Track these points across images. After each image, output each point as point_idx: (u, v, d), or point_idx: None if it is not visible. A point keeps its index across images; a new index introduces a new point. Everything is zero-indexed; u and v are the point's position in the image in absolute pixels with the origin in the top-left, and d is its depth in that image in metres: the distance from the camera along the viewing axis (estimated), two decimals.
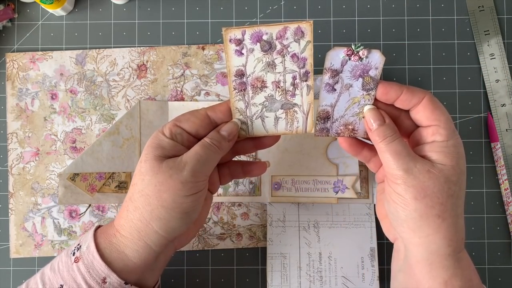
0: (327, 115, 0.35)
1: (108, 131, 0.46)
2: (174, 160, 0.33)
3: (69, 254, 0.35)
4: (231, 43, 0.32)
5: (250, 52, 0.33)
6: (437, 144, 0.33)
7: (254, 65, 0.33)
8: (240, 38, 0.32)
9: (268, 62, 0.33)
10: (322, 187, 0.45)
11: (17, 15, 0.49)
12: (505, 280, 0.47)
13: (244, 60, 0.33)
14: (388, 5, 0.49)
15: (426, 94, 0.33)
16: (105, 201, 0.46)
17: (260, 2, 0.49)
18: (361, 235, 0.45)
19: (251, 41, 0.32)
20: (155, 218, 0.33)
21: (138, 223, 0.34)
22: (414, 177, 0.32)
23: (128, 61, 0.48)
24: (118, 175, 0.46)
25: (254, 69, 0.34)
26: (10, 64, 0.48)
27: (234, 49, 0.33)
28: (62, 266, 0.35)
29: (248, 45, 0.33)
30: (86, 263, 0.34)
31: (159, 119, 0.47)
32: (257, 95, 0.35)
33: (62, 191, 0.45)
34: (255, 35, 0.32)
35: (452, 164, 0.32)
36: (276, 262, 0.45)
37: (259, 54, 0.33)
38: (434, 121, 0.33)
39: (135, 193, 0.34)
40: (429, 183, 0.32)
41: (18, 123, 0.48)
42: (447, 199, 0.32)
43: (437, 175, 0.32)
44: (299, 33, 0.32)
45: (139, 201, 0.33)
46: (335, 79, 0.34)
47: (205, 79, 0.48)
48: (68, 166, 0.45)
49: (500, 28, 0.48)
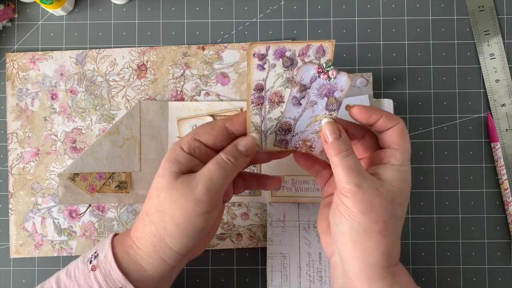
0: (289, 127, 0.36)
1: (108, 131, 0.46)
2: (189, 178, 0.33)
3: (86, 261, 0.35)
4: (254, 57, 0.33)
5: (272, 67, 0.33)
6: (390, 167, 0.35)
7: (274, 80, 0.34)
8: (263, 53, 0.33)
9: (288, 78, 0.34)
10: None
11: (17, 15, 0.49)
12: (505, 280, 0.47)
13: (265, 74, 0.33)
14: (388, 5, 0.49)
15: (400, 121, 0.35)
16: (105, 201, 0.46)
17: (260, 2, 0.49)
18: None
19: (274, 57, 0.33)
20: (168, 235, 0.34)
21: (153, 238, 0.34)
22: (363, 192, 0.33)
23: (128, 61, 0.48)
24: (118, 175, 0.46)
25: (273, 84, 0.34)
26: (10, 64, 0.48)
27: (257, 63, 0.33)
28: (78, 273, 0.35)
29: (270, 60, 0.33)
30: (103, 272, 0.34)
31: (159, 119, 0.47)
32: (273, 110, 0.35)
33: (62, 191, 0.45)
34: (279, 51, 0.33)
35: (400, 188, 0.34)
36: (276, 262, 0.45)
37: (280, 70, 0.33)
38: (396, 145, 0.35)
39: (151, 208, 0.34)
40: (376, 200, 0.33)
41: (18, 123, 0.48)
42: (390, 218, 0.33)
43: (385, 194, 0.33)
44: (320, 51, 0.33)
45: (154, 216, 0.34)
46: (302, 94, 0.34)
47: (205, 79, 0.48)
48: (68, 166, 0.45)
49: (500, 28, 0.48)
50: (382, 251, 0.33)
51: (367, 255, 0.34)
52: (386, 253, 0.34)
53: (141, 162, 0.46)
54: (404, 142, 0.35)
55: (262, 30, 0.48)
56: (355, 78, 0.46)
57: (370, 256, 0.34)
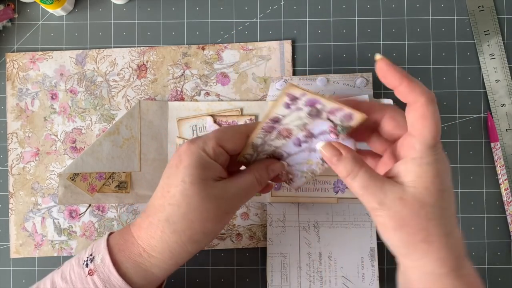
0: (280, 157, 0.37)
1: (108, 131, 0.46)
2: (223, 190, 0.33)
3: (81, 264, 0.34)
4: (286, 96, 0.33)
5: (297, 110, 0.33)
6: (410, 162, 0.30)
7: (293, 120, 0.34)
8: (297, 97, 0.32)
9: (305, 122, 0.34)
10: (322, 187, 0.45)
11: (17, 15, 0.49)
12: (505, 280, 0.47)
13: (288, 112, 0.33)
14: (388, 5, 0.49)
15: (422, 98, 0.29)
16: (105, 201, 0.46)
17: (260, 2, 0.49)
18: (361, 235, 0.45)
19: (304, 103, 0.33)
20: (193, 242, 0.33)
21: (174, 245, 0.33)
22: (388, 209, 0.30)
23: (128, 61, 0.48)
24: (118, 175, 0.46)
25: (290, 122, 0.34)
26: (10, 64, 0.48)
27: (285, 101, 0.33)
28: (74, 277, 0.34)
29: (300, 104, 0.33)
30: (102, 277, 0.33)
31: (159, 119, 0.47)
32: (277, 140, 0.35)
33: (62, 191, 0.45)
34: (312, 101, 0.32)
35: (426, 186, 0.29)
36: (276, 262, 0.45)
37: (303, 115, 0.33)
38: (415, 131, 0.30)
39: (176, 215, 0.32)
40: (404, 212, 0.30)
41: (18, 123, 0.48)
42: (427, 223, 0.30)
43: (411, 202, 0.29)
44: (348, 117, 0.32)
45: (179, 224, 0.32)
46: (306, 139, 0.35)
47: (205, 79, 0.48)
48: (68, 166, 0.45)
49: (500, 28, 0.48)
50: (435, 258, 0.30)
51: (421, 264, 0.31)
52: (440, 258, 0.30)
53: (141, 162, 0.46)
54: (423, 126, 0.29)
55: (262, 30, 0.48)
56: (355, 78, 0.46)
57: (424, 265, 0.31)
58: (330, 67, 0.48)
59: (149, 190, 0.46)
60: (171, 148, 0.47)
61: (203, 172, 0.33)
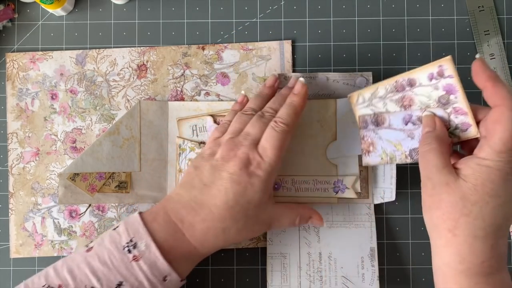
0: (381, 123, 0.38)
1: (108, 131, 0.46)
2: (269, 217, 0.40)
3: (122, 250, 0.35)
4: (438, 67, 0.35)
5: (434, 88, 0.35)
6: (473, 160, 0.32)
7: (423, 93, 0.36)
8: (444, 74, 0.35)
9: (429, 104, 0.36)
10: (322, 187, 0.45)
11: (17, 15, 0.49)
12: None
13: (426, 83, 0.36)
14: (388, 5, 0.49)
15: (503, 103, 0.30)
16: (105, 201, 0.46)
17: (260, 2, 0.49)
18: (361, 235, 0.45)
19: (443, 85, 0.35)
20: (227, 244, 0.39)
21: (220, 244, 0.39)
22: (432, 187, 0.32)
23: (128, 61, 0.48)
24: (118, 175, 0.46)
25: (419, 94, 0.36)
26: (10, 64, 0.48)
27: (432, 72, 0.35)
28: (116, 262, 0.35)
29: (440, 84, 0.35)
30: (148, 262, 0.35)
31: (159, 119, 0.47)
32: (395, 104, 0.37)
33: (62, 191, 0.45)
34: (452, 87, 0.35)
35: (475, 184, 0.31)
36: (276, 262, 0.45)
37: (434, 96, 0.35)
38: (488, 133, 0.31)
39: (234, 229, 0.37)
40: (444, 196, 0.31)
41: (18, 123, 0.48)
42: (460, 216, 0.31)
43: (453, 190, 0.31)
44: (464, 126, 0.34)
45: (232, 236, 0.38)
46: (416, 121, 0.36)
47: (205, 79, 0.48)
48: (68, 166, 0.45)
49: (500, 28, 0.48)
50: (455, 251, 0.31)
51: (441, 252, 0.32)
52: (461, 255, 0.31)
53: (141, 162, 0.46)
54: (494, 129, 0.31)
55: (262, 30, 0.48)
56: (355, 77, 0.46)
57: (443, 254, 0.32)
58: (330, 67, 0.48)
59: (149, 190, 0.46)
60: (171, 148, 0.47)
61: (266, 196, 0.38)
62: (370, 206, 0.46)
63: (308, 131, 0.45)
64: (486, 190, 0.30)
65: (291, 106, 0.39)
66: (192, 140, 0.46)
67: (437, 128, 0.34)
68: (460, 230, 0.31)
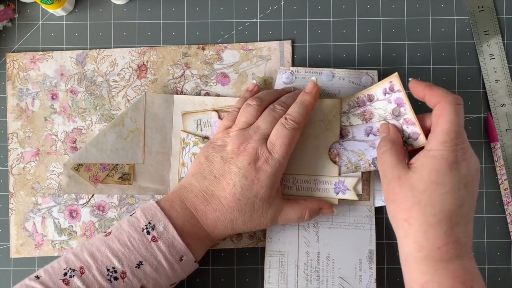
0: (345, 135, 0.43)
1: (113, 122, 0.46)
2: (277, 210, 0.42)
3: (141, 232, 0.37)
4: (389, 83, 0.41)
5: (388, 102, 0.41)
6: (423, 152, 0.35)
7: (380, 107, 0.42)
8: (394, 89, 0.41)
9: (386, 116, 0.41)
10: (323, 187, 0.45)
11: (17, 15, 0.49)
12: (505, 280, 0.47)
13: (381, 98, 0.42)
14: (388, 5, 0.49)
15: (443, 99, 0.34)
16: (108, 191, 0.46)
17: (260, 2, 0.49)
18: (361, 237, 0.45)
19: (395, 99, 0.41)
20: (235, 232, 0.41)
21: (230, 232, 0.41)
22: (387, 182, 0.36)
23: (128, 61, 0.48)
24: (122, 167, 0.46)
25: (377, 108, 0.42)
26: (10, 64, 0.48)
27: (385, 87, 0.41)
28: (136, 243, 0.37)
29: (392, 98, 0.41)
30: (166, 242, 0.37)
31: (164, 112, 0.47)
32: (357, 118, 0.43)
33: (66, 180, 0.45)
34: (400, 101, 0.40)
35: (422, 174, 0.33)
36: (274, 259, 0.45)
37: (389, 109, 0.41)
38: (433, 127, 0.35)
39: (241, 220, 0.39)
40: (396, 189, 0.34)
41: (19, 123, 0.48)
42: (412, 205, 0.33)
43: (404, 182, 0.34)
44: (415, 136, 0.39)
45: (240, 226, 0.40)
46: (376, 133, 0.42)
47: (205, 79, 0.48)
48: (72, 156, 0.46)
49: (500, 28, 0.48)
50: (412, 240, 0.33)
51: (403, 243, 0.35)
52: (418, 243, 0.33)
53: (145, 155, 0.47)
54: (437, 122, 0.34)
55: (262, 30, 0.48)
56: (360, 75, 0.46)
57: (404, 245, 0.35)
58: (330, 67, 0.48)
59: (152, 182, 0.46)
60: (175, 142, 0.47)
61: (272, 191, 0.40)
62: (371, 209, 0.45)
63: (312, 131, 0.45)
64: (432, 178, 0.33)
65: (302, 104, 0.40)
66: (196, 134, 0.47)
67: (391, 133, 0.39)
68: (414, 219, 0.33)
